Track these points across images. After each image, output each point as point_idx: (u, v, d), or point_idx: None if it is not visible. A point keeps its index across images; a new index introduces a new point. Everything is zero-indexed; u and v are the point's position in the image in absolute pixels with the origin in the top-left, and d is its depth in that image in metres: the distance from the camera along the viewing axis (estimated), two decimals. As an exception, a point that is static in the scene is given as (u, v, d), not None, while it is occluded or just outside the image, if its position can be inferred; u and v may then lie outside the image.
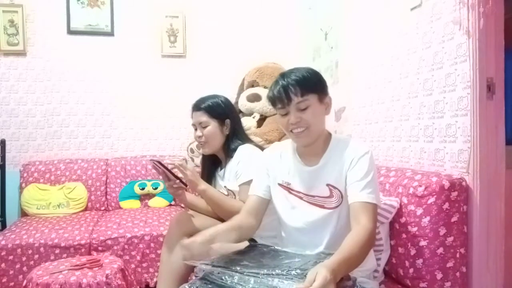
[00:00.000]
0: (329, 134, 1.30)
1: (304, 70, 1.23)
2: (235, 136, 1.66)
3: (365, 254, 1.11)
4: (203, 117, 1.63)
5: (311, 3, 2.93)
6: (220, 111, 1.64)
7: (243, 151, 1.58)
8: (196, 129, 1.66)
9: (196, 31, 3.27)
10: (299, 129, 1.20)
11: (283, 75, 1.24)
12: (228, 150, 1.65)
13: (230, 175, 1.61)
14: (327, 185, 1.24)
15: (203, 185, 1.53)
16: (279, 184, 1.32)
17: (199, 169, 1.83)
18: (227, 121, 1.65)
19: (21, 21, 2.94)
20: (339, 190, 1.22)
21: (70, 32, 3.08)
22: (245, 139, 1.70)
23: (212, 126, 1.62)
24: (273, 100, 1.24)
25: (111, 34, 3.14)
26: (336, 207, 1.23)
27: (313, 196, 1.26)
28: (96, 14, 3.11)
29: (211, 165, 1.75)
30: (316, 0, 2.83)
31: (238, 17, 3.31)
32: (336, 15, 2.50)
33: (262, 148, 1.63)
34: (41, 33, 3.03)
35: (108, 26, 3.13)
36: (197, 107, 1.66)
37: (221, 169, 1.71)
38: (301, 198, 1.28)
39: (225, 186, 1.63)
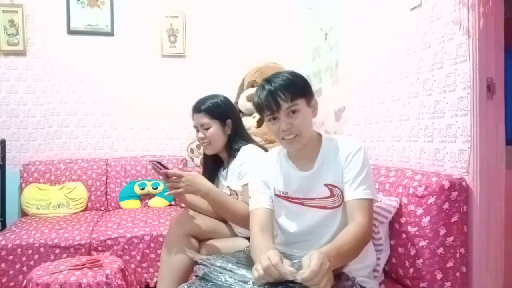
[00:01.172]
0: (319, 135, 1.29)
1: (289, 74, 1.21)
2: (237, 135, 1.66)
3: (359, 248, 1.12)
4: (204, 119, 1.62)
5: (311, 3, 2.93)
6: (221, 111, 1.64)
7: (246, 152, 1.58)
8: (198, 131, 1.66)
9: (196, 31, 3.27)
10: (290, 136, 1.18)
11: (268, 80, 1.20)
12: (231, 150, 1.64)
13: (233, 176, 1.61)
14: (326, 185, 1.23)
15: (204, 189, 1.48)
16: (277, 195, 1.31)
17: (199, 169, 1.82)
18: (228, 121, 1.64)
19: (21, 21, 2.94)
20: (339, 189, 1.22)
21: (70, 32, 3.08)
22: (248, 138, 1.69)
23: (214, 127, 1.62)
24: (260, 107, 1.20)
25: (111, 34, 3.14)
26: (339, 205, 1.23)
27: (313, 199, 1.25)
28: (96, 14, 3.11)
29: (213, 165, 1.74)
30: (316, 0, 2.83)
31: (238, 17, 3.31)
32: (336, 15, 2.50)
33: (265, 149, 1.63)
34: (41, 33, 3.03)
35: (108, 26, 3.13)
36: (197, 108, 1.65)
37: (223, 169, 1.70)
38: (301, 204, 1.27)
39: (228, 186, 1.63)
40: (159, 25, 3.21)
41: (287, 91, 1.16)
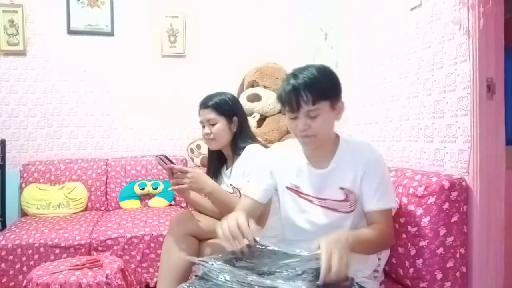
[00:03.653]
0: (337, 136, 1.28)
1: (318, 71, 1.14)
2: (243, 134, 1.66)
3: (373, 246, 1.17)
4: (211, 115, 1.62)
5: (311, 3, 2.93)
6: (228, 108, 1.64)
7: (252, 151, 1.58)
8: (204, 127, 1.66)
9: (196, 31, 3.27)
10: (306, 138, 1.17)
11: (295, 76, 1.14)
12: (236, 148, 1.64)
13: (237, 173, 1.61)
14: (341, 188, 1.21)
15: (208, 187, 1.49)
16: (288, 188, 1.29)
17: (199, 169, 1.82)
18: (235, 118, 1.65)
19: (21, 21, 2.94)
20: (355, 194, 1.21)
21: (70, 32, 3.08)
22: (253, 138, 1.70)
23: (220, 123, 1.62)
24: (282, 102, 1.18)
25: (111, 34, 3.14)
26: (351, 211, 1.22)
27: (324, 199, 1.23)
28: (96, 14, 3.11)
29: (218, 162, 1.74)
30: (316, 0, 2.83)
31: (238, 17, 3.31)
32: (336, 15, 2.50)
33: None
34: (41, 33, 3.03)
35: (108, 26, 3.13)
36: (204, 104, 1.66)
37: (227, 168, 1.71)
38: (311, 201, 1.26)
39: (231, 184, 1.64)
40: (159, 25, 3.21)
41: (310, 92, 1.10)
